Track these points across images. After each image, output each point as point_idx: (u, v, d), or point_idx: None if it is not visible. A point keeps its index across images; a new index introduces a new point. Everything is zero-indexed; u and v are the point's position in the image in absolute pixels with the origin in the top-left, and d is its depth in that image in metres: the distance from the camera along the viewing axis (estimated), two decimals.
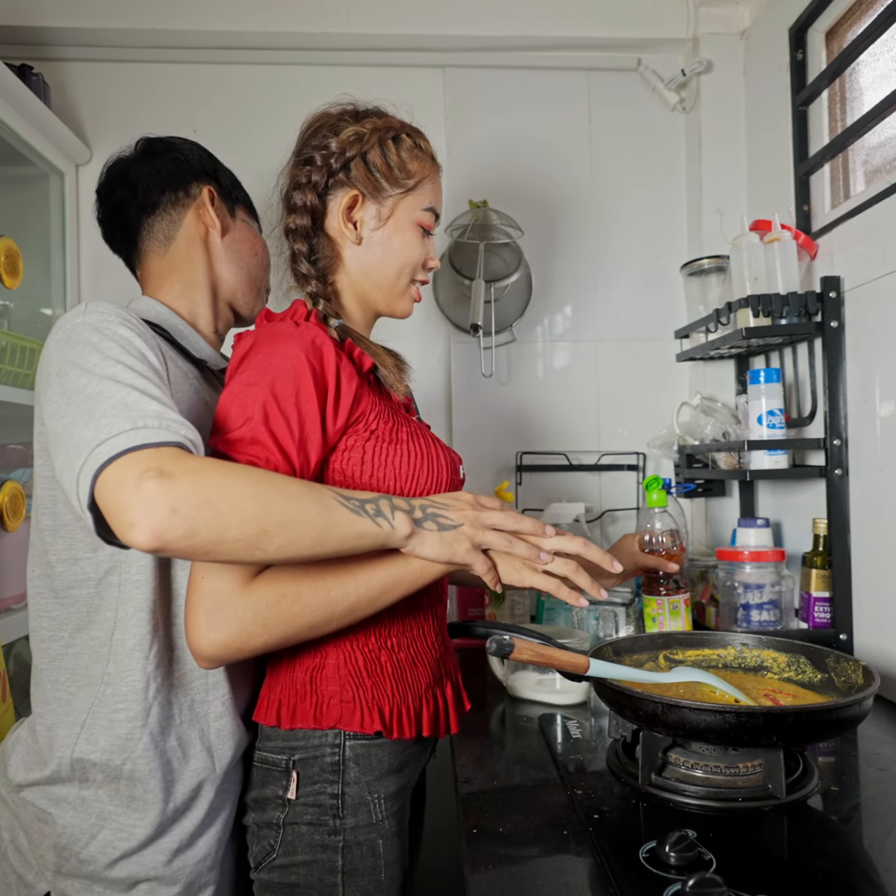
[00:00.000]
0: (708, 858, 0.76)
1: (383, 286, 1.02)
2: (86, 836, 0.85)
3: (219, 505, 0.68)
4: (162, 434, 0.70)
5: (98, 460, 0.67)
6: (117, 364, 0.76)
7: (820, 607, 1.47)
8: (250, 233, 1.09)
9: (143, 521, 0.65)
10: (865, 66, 1.51)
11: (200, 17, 1.82)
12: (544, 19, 1.88)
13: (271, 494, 0.72)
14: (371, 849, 0.90)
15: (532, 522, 0.88)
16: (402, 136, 1.00)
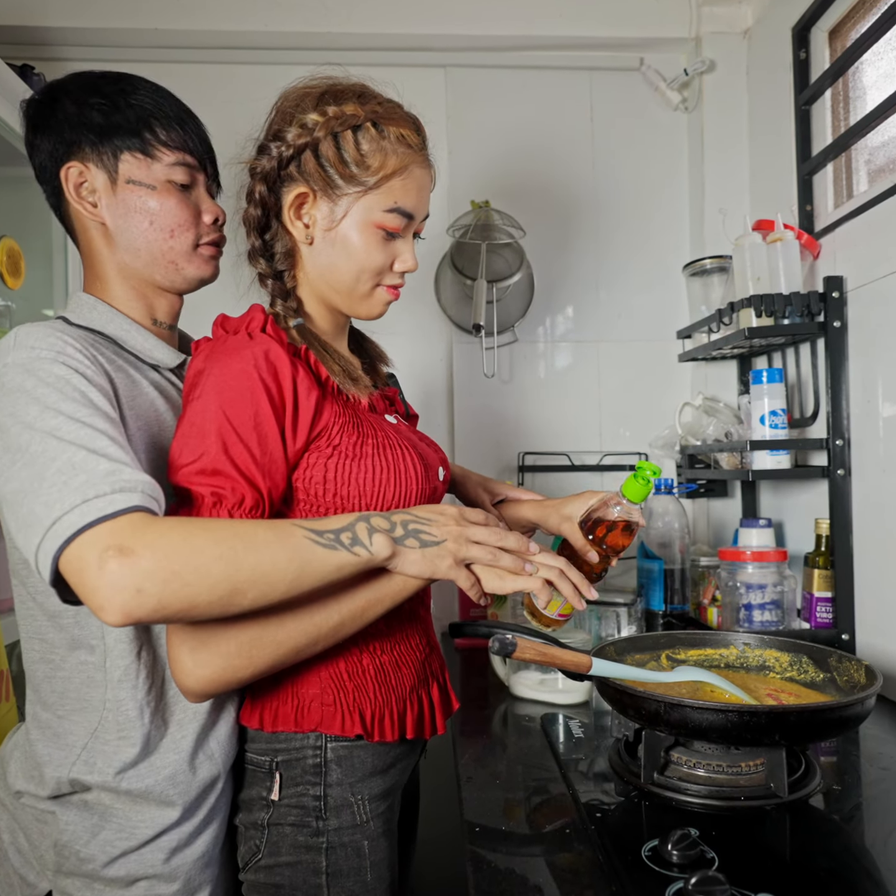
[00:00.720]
0: (710, 857, 0.76)
1: (340, 290, 0.93)
2: (87, 834, 0.85)
3: (184, 575, 0.67)
4: (117, 501, 0.68)
5: (55, 541, 0.67)
6: (58, 415, 0.73)
7: (822, 607, 1.47)
8: (137, 193, 0.90)
9: (111, 604, 0.65)
10: (869, 66, 1.51)
11: (203, 17, 1.83)
12: (546, 19, 1.89)
13: (237, 551, 0.70)
14: (356, 850, 0.89)
15: (516, 539, 0.86)
16: (365, 126, 0.88)
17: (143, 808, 0.85)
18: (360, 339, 1.09)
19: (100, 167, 0.90)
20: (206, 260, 0.96)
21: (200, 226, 0.95)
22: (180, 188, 0.92)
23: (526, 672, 1.33)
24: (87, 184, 0.91)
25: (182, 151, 0.92)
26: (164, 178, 0.91)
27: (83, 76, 0.93)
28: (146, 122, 0.90)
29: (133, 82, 0.93)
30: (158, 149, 0.91)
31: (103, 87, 0.91)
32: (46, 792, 0.85)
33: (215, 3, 1.83)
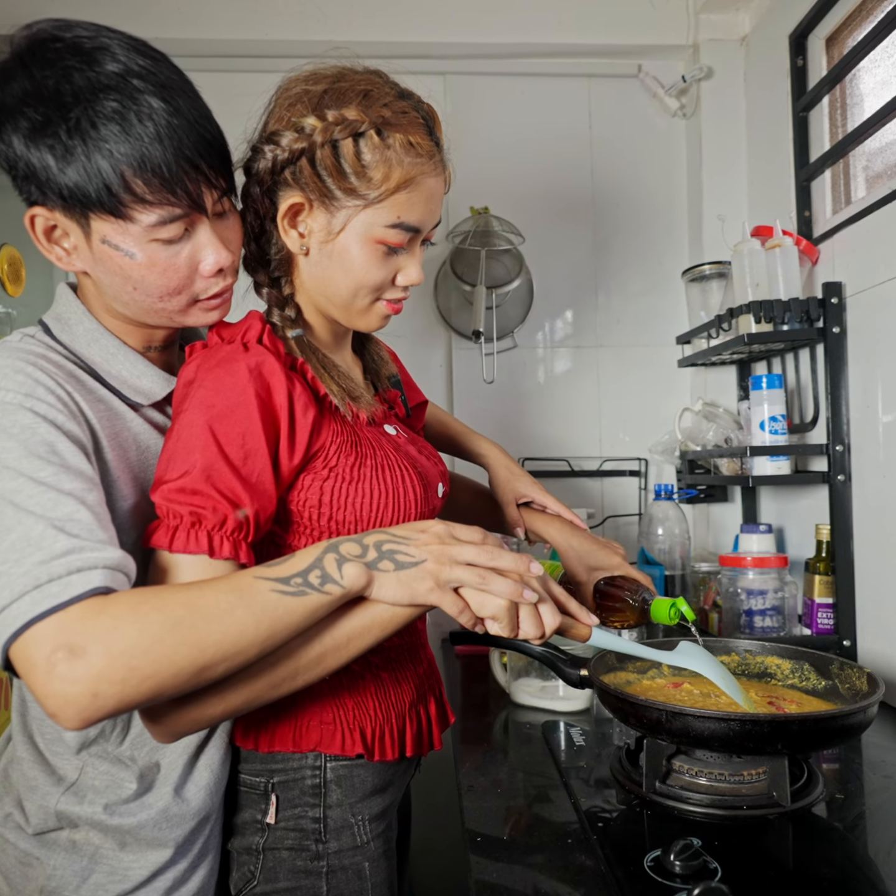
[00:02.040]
0: (713, 867, 0.75)
1: (337, 304, 0.86)
2: (76, 879, 0.80)
3: (144, 669, 0.61)
4: (72, 584, 0.62)
5: (4, 631, 0.61)
6: (18, 476, 0.65)
7: (823, 613, 1.47)
8: (115, 260, 0.75)
9: (65, 713, 0.60)
10: (866, 72, 1.51)
11: (203, 25, 1.83)
12: (544, 26, 1.89)
13: (198, 629, 0.63)
14: (357, 872, 0.86)
15: (514, 558, 0.73)
16: (368, 133, 0.78)
17: (134, 848, 0.81)
18: (364, 339, 1.04)
19: (69, 218, 0.73)
20: (205, 312, 0.82)
21: (197, 282, 0.79)
22: (169, 244, 0.75)
23: (527, 679, 1.32)
24: (59, 228, 0.75)
25: (167, 204, 0.72)
26: (146, 239, 0.74)
27: (31, 75, 0.68)
28: (114, 172, 0.69)
29: (96, 101, 0.68)
30: (133, 209, 0.72)
31: (56, 114, 0.68)
32: (31, 828, 0.80)
33: (216, 11, 1.83)
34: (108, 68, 0.71)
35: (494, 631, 0.74)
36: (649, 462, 1.98)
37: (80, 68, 0.69)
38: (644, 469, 1.98)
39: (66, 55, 0.70)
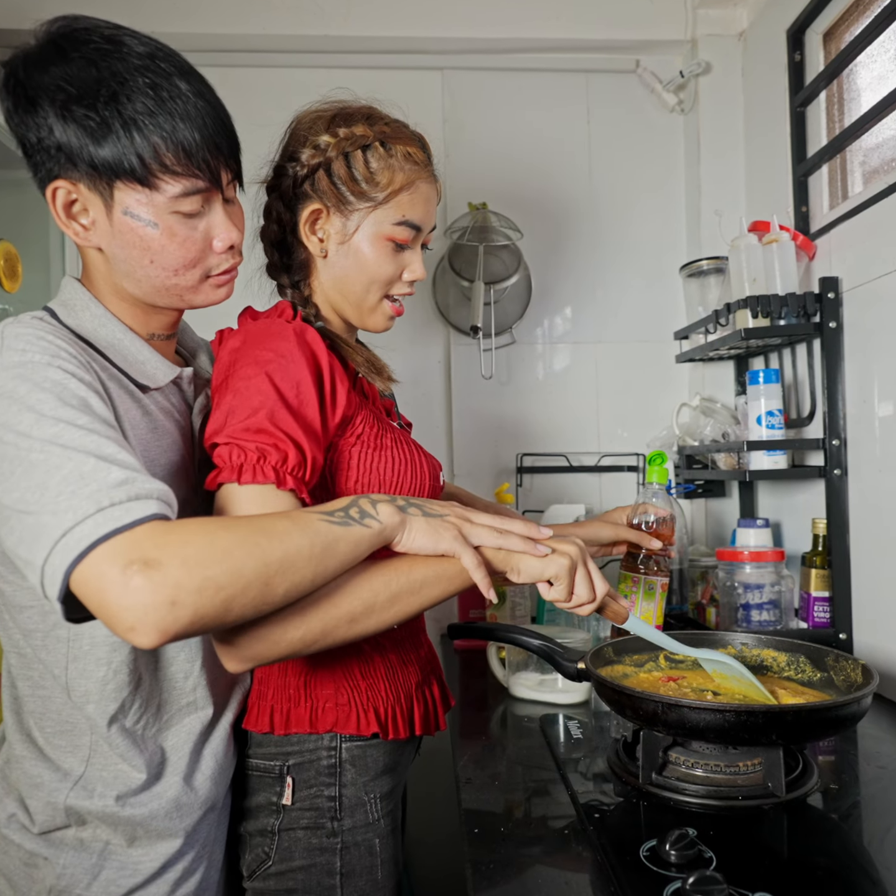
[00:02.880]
0: (708, 856, 0.76)
1: (352, 301, 0.97)
2: (87, 876, 0.80)
3: (217, 579, 0.63)
4: (133, 510, 0.63)
5: (68, 555, 0.61)
6: (57, 423, 0.66)
7: (819, 607, 1.47)
8: (137, 231, 0.78)
9: (143, 623, 0.60)
10: (863, 68, 1.52)
11: (199, 20, 1.83)
12: (542, 21, 1.89)
13: (263, 546, 0.66)
14: (368, 848, 0.91)
15: (524, 523, 0.83)
16: (373, 145, 0.92)
17: (144, 842, 0.81)
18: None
19: (92, 190, 0.76)
20: (215, 289, 0.86)
21: (210, 257, 0.83)
22: (188, 217, 0.79)
23: (525, 672, 1.33)
24: (79, 203, 0.78)
25: (191, 177, 0.77)
26: (168, 210, 0.77)
27: (64, 54, 0.75)
28: (147, 142, 0.74)
29: (130, 78, 0.74)
30: (161, 178, 0.76)
31: (93, 88, 0.73)
32: (36, 827, 0.80)
33: (212, 6, 1.83)
34: (136, 50, 0.77)
35: (551, 596, 0.82)
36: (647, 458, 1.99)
37: (112, 50, 0.75)
38: (642, 464, 1.99)
39: (97, 40, 0.76)
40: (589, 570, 0.84)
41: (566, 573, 0.81)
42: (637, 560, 1.27)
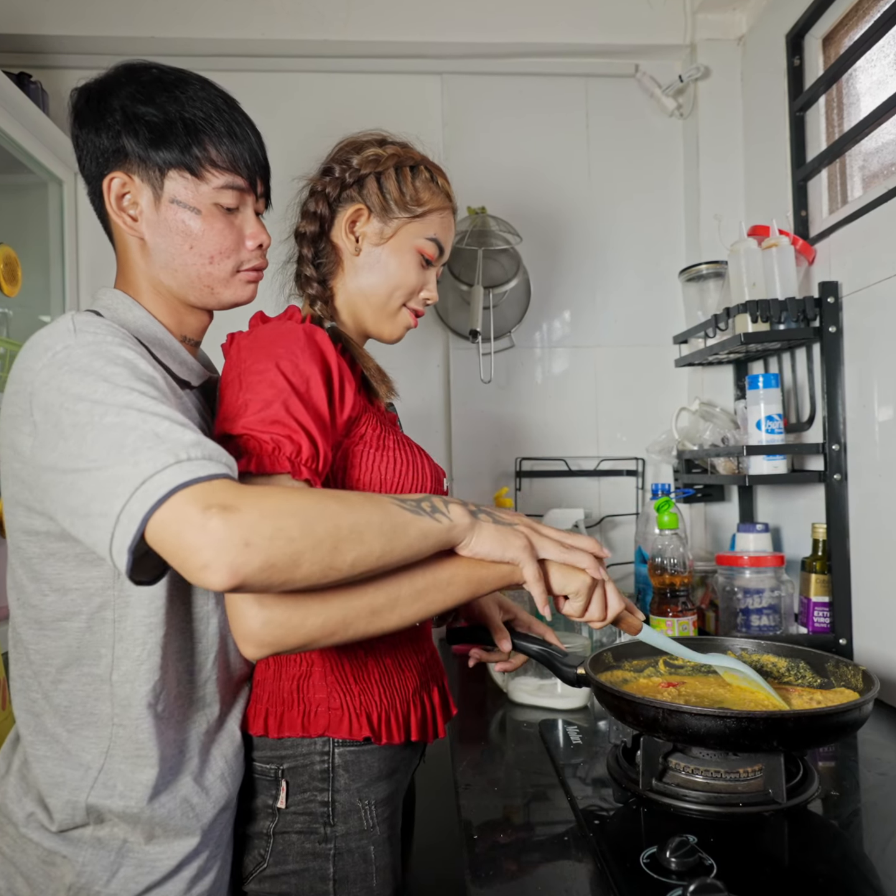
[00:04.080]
0: (709, 864, 0.75)
1: (374, 303, 1.02)
2: (106, 874, 0.80)
3: (290, 530, 0.64)
4: (209, 466, 0.66)
5: (147, 501, 0.63)
6: (131, 391, 0.70)
7: (819, 612, 1.47)
8: (180, 216, 0.87)
9: (217, 560, 0.62)
10: (862, 72, 1.52)
11: (199, 24, 1.83)
12: (542, 26, 1.89)
13: (334, 509, 0.68)
14: (363, 855, 0.90)
15: (590, 540, 0.84)
16: (419, 168, 1.03)
17: (161, 840, 0.82)
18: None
19: (145, 181, 0.86)
20: (243, 285, 0.93)
21: (242, 251, 0.91)
22: (226, 211, 0.89)
23: (524, 678, 1.33)
24: (130, 196, 0.87)
25: (232, 173, 0.88)
26: (210, 201, 0.87)
27: (138, 73, 0.87)
28: (197, 139, 0.86)
29: (190, 88, 0.87)
30: (208, 169, 0.87)
31: (156, 92, 0.86)
32: (55, 825, 0.80)
33: (212, 11, 1.83)
34: (195, 78, 0.90)
35: (566, 610, 0.83)
36: (646, 461, 1.98)
37: (175, 79, 0.88)
38: (641, 469, 1.98)
39: (159, 72, 0.89)
40: (605, 590, 0.85)
41: (587, 590, 0.82)
42: (666, 603, 1.35)
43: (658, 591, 1.39)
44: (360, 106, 1.96)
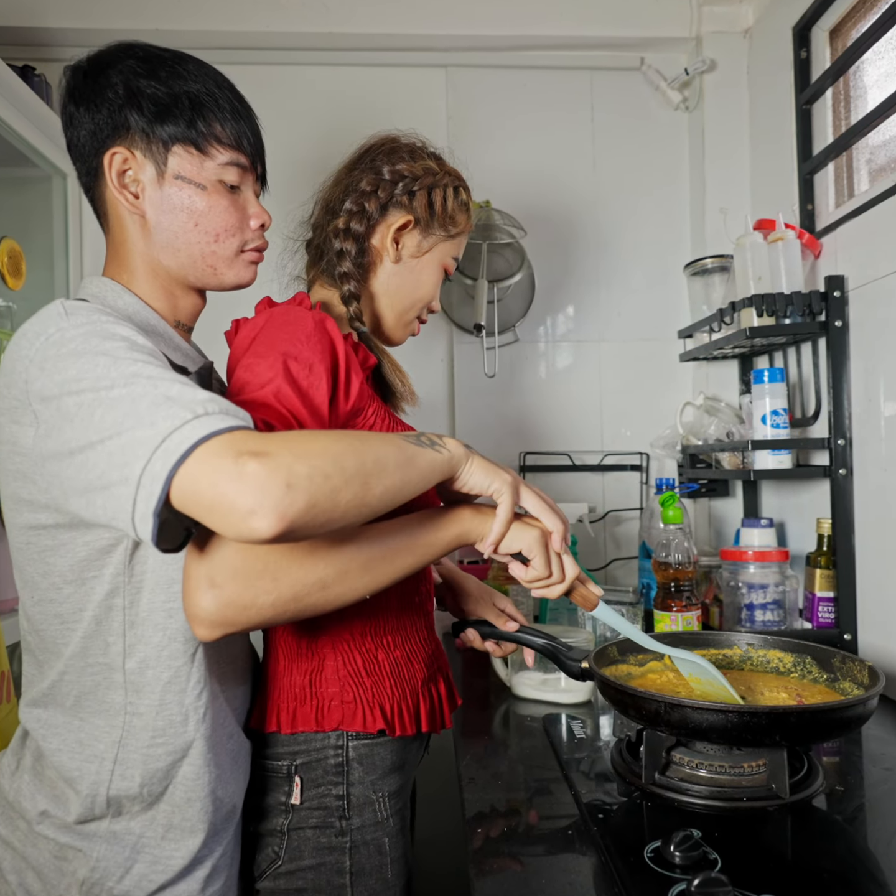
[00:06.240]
0: (713, 858, 0.75)
1: (396, 310, 1.05)
2: (120, 869, 0.80)
3: (324, 468, 0.63)
4: (227, 419, 0.64)
5: (169, 458, 0.60)
6: (134, 362, 0.68)
7: (824, 607, 1.47)
8: (185, 191, 0.86)
9: (263, 504, 0.59)
10: (870, 65, 1.51)
11: (203, 17, 1.83)
12: (547, 19, 1.88)
13: (356, 446, 0.68)
14: (378, 847, 0.91)
15: (561, 514, 0.88)
16: (460, 189, 1.07)
17: (176, 835, 0.82)
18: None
19: (147, 157, 0.85)
20: (246, 265, 0.92)
21: (246, 230, 0.91)
22: (229, 189, 0.88)
23: (528, 672, 1.33)
24: (132, 172, 0.85)
25: (236, 150, 0.88)
26: (215, 177, 0.87)
27: (134, 50, 0.86)
28: (202, 114, 0.85)
29: (189, 65, 0.87)
30: (213, 145, 0.86)
31: (157, 67, 0.85)
32: (72, 816, 0.80)
33: (217, 3, 1.83)
34: (191, 59, 0.89)
35: (529, 576, 0.85)
36: (651, 456, 1.98)
37: (170, 56, 0.87)
38: (645, 463, 1.98)
39: (155, 49, 0.88)
40: (560, 553, 0.86)
41: (538, 546, 0.83)
42: (670, 598, 1.35)
43: (662, 585, 1.39)
44: (364, 99, 1.95)
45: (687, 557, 1.38)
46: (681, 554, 1.38)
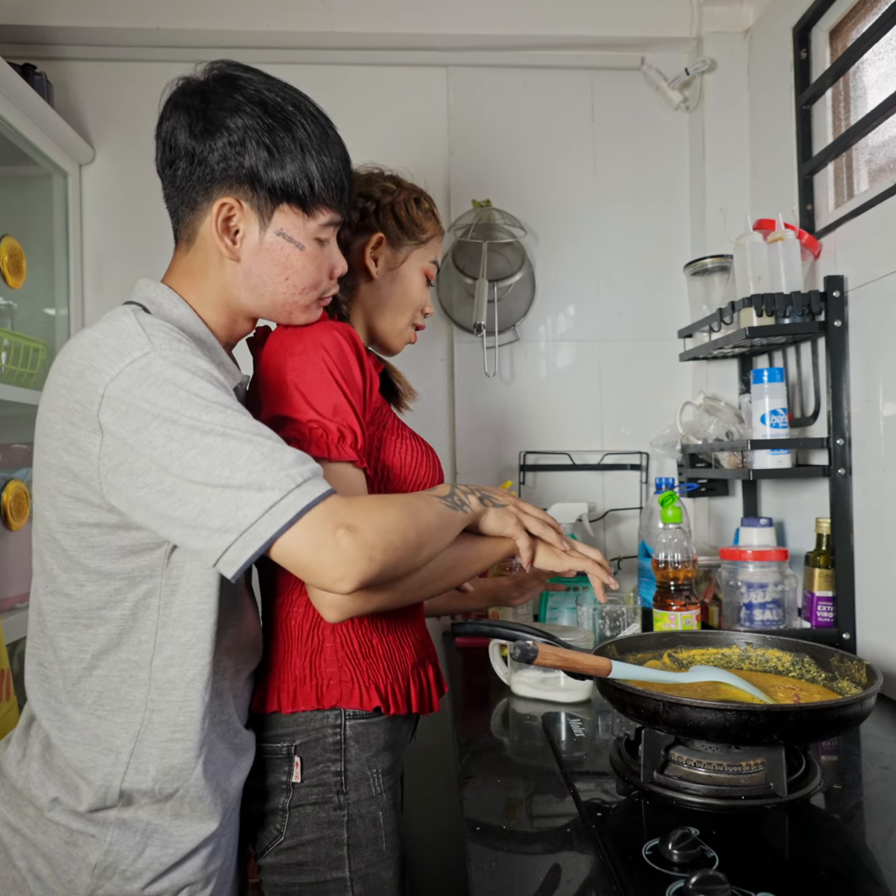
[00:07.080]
0: (711, 856, 0.76)
1: (387, 319, 1.14)
2: (133, 853, 0.83)
3: (395, 542, 0.79)
4: (319, 486, 0.76)
5: (276, 522, 0.73)
6: (224, 409, 0.76)
7: (823, 606, 1.47)
8: (285, 250, 0.90)
9: (351, 573, 0.76)
10: (869, 65, 1.51)
11: (204, 16, 1.83)
12: (547, 18, 1.88)
13: (413, 518, 0.83)
14: (373, 820, 0.96)
15: (556, 525, 1.04)
16: (420, 199, 1.15)
17: (185, 823, 0.85)
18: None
19: (254, 209, 0.88)
20: (317, 309, 0.98)
21: (325, 281, 0.96)
22: (321, 244, 0.93)
23: (527, 671, 1.33)
24: (235, 220, 0.88)
25: (336, 211, 0.92)
26: (314, 236, 0.91)
27: (257, 91, 0.87)
28: (310, 177, 0.88)
29: (303, 119, 0.88)
30: (318, 208, 0.90)
31: (274, 126, 0.86)
32: (84, 806, 0.82)
33: (216, 2, 1.82)
34: (296, 93, 0.92)
35: (551, 564, 1.03)
36: (650, 456, 1.98)
37: (277, 89, 0.89)
38: (645, 463, 1.98)
39: (255, 78, 0.90)
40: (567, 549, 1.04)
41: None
42: (669, 597, 1.37)
43: (661, 585, 1.39)
44: (365, 98, 1.96)
45: (686, 557, 1.38)
46: (680, 553, 1.39)
